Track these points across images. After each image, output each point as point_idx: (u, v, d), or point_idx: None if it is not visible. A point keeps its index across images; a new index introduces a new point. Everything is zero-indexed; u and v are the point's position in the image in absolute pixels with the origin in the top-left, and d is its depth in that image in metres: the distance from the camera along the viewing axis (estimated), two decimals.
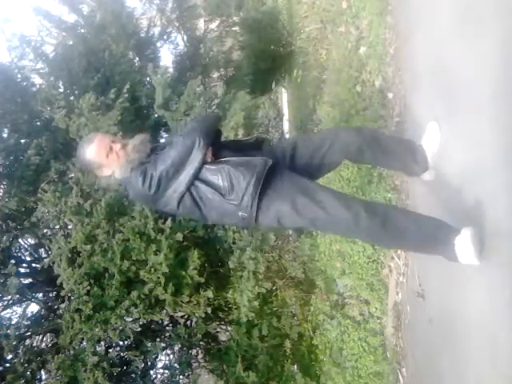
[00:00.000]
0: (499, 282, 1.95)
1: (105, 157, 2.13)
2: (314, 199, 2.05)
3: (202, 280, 3.48)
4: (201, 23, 5.55)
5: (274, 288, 4.11)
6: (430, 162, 2.37)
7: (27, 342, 3.58)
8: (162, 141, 4.14)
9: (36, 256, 3.98)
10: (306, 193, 2.07)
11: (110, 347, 3.79)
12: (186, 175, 2.09)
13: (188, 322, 4.05)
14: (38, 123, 3.83)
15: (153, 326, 3.96)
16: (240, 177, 2.08)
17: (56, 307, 3.83)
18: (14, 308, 3.69)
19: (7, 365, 3.34)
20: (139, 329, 3.76)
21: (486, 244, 2.01)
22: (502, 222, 1.93)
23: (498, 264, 1.93)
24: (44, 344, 3.72)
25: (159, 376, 4.02)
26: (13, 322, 3.46)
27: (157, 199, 2.16)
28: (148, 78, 4.17)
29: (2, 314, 3.56)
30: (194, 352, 4.13)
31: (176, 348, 4.04)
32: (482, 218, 2.00)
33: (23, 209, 3.55)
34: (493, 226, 1.97)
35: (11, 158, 3.59)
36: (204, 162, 2.11)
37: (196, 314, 3.56)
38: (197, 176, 2.10)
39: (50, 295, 3.90)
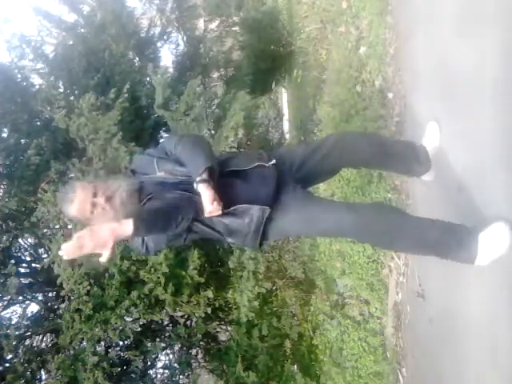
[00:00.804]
0: (499, 281, 1.95)
1: (89, 214, 1.94)
2: (320, 209, 2.04)
3: (202, 280, 3.48)
4: (201, 23, 5.54)
5: (274, 288, 4.11)
6: (432, 160, 2.38)
7: (27, 342, 3.58)
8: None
9: (36, 256, 3.98)
10: (312, 206, 2.05)
11: (109, 347, 3.79)
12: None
13: (188, 322, 4.05)
14: (38, 123, 3.83)
15: (153, 326, 3.96)
16: (237, 225, 2.01)
17: (56, 307, 3.83)
18: (14, 308, 3.69)
19: (7, 365, 3.34)
20: (139, 329, 3.76)
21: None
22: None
23: (498, 264, 1.93)
24: (44, 344, 3.72)
25: (159, 376, 4.02)
26: (13, 322, 3.46)
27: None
28: (148, 78, 4.17)
29: (2, 314, 3.56)
30: (193, 352, 4.13)
31: (176, 348, 4.04)
32: (481, 217, 1.99)
33: (23, 209, 3.55)
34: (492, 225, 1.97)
35: (11, 157, 3.59)
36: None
37: (196, 314, 3.56)
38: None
39: (50, 295, 3.90)
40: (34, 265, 3.96)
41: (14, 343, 3.25)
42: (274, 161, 2.11)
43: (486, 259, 1.90)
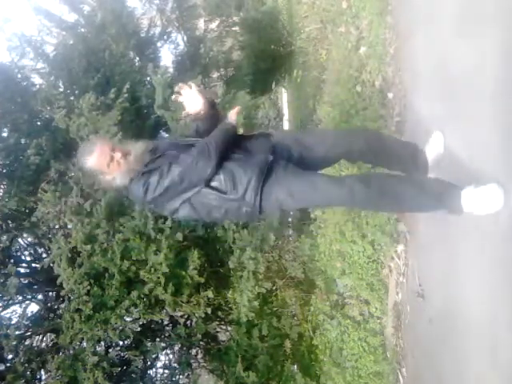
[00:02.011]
0: (499, 281, 1.95)
1: (106, 166, 2.13)
2: (308, 183, 2.11)
3: (202, 280, 3.48)
4: (201, 23, 5.55)
5: (274, 288, 4.11)
6: (430, 167, 2.37)
7: (27, 342, 3.58)
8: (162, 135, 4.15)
9: (36, 256, 3.98)
10: (301, 178, 2.13)
11: (109, 347, 3.79)
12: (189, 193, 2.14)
13: (188, 322, 4.04)
14: (38, 123, 3.83)
15: (153, 326, 3.96)
16: (241, 172, 2.11)
17: (56, 307, 3.83)
18: (14, 308, 3.70)
19: (7, 365, 3.34)
20: (139, 329, 3.76)
21: (486, 244, 2.01)
22: (501, 222, 1.93)
23: (498, 264, 1.94)
24: (44, 344, 3.72)
25: (159, 376, 4.02)
26: (13, 322, 3.46)
27: (157, 204, 2.22)
28: (148, 78, 4.17)
29: (2, 313, 3.56)
30: (193, 352, 4.12)
31: (176, 348, 4.03)
32: (481, 217, 1.99)
33: (23, 209, 3.56)
34: (492, 225, 1.97)
35: (11, 157, 3.59)
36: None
37: (196, 314, 3.55)
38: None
39: (50, 295, 3.90)
40: (33, 265, 3.96)
41: (14, 343, 3.25)
42: (271, 157, 2.17)
43: (471, 207, 1.96)
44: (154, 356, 3.92)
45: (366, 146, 2.30)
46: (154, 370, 4.04)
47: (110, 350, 3.71)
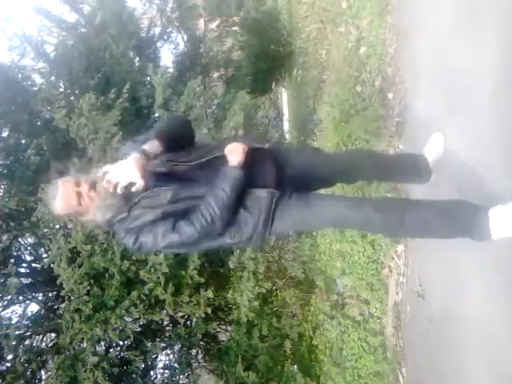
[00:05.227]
0: (498, 281, 1.95)
1: (77, 205, 1.86)
2: (318, 210, 1.97)
3: (202, 280, 3.48)
4: (201, 23, 5.55)
5: (274, 288, 4.11)
6: (432, 170, 2.37)
7: (27, 342, 3.58)
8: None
9: (36, 256, 3.98)
10: (314, 208, 1.97)
11: (110, 347, 3.78)
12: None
13: (188, 322, 4.04)
14: (38, 123, 3.83)
15: (153, 326, 3.96)
16: (246, 216, 1.92)
17: (56, 307, 3.83)
18: (14, 308, 3.70)
19: (7, 365, 3.34)
20: (139, 329, 3.76)
21: (486, 244, 2.01)
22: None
23: (497, 264, 1.93)
24: (44, 344, 3.72)
25: (159, 376, 4.02)
26: (13, 322, 3.46)
27: None
28: (148, 78, 4.17)
29: (2, 313, 3.56)
30: (193, 352, 4.12)
31: (176, 348, 4.03)
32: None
33: (23, 209, 3.55)
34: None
35: (11, 157, 3.59)
36: None
37: (196, 314, 3.56)
38: None
39: (50, 295, 3.90)
40: (33, 265, 3.96)
41: (13, 343, 3.25)
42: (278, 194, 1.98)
43: (499, 233, 1.81)
44: (154, 356, 3.92)
45: (372, 170, 2.28)
46: (154, 370, 4.04)
47: (110, 350, 3.71)
